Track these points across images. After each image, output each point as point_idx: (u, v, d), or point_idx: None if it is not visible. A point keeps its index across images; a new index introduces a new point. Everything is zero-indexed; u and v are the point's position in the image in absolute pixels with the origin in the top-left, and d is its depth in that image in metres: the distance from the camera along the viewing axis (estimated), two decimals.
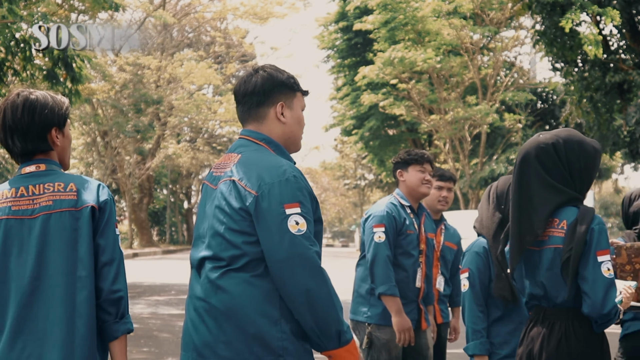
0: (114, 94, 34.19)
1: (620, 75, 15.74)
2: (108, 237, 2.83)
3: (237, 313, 2.69)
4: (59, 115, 2.89)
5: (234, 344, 2.67)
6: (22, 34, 13.64)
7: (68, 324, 2.73)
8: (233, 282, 2.70)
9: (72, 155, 12.81)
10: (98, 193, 2.85)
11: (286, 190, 2.70)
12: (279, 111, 2.89)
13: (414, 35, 24.25)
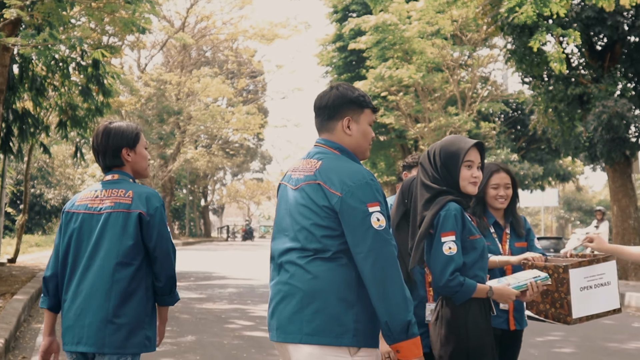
0: (139, 106, 34.24)
1: (580, 88, 15.80)
2: (162, 235, 3.35)
3: (319, 295, 2.72)
4: (128, 139, 3.43)
5: (315, 322, 2.70)
6: (61, 54, 13.71)
7: (106, 293, 3.26)
8: (319, 268, 2.75)
9: None
10: (149, 202, 3.33)
11: (367, 192, 2.76)
12: (345, 124, 2.93)
13: (401, 53, 24.29)
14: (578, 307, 3.37)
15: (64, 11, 11.80)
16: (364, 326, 2.73)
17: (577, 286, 3.37)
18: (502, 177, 3.98)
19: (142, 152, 3.51)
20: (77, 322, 3.27)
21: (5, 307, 9.25)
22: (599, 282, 3.46)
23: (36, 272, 14.61)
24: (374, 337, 2.78)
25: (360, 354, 2.73)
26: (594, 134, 14.89)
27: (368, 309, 2.74)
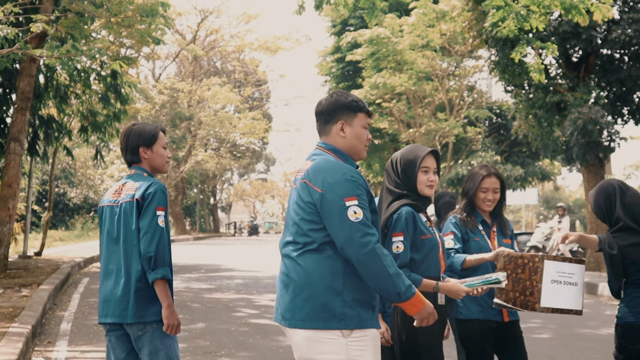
0: (154, 112, 34.28)
1: (558, 96, 15.83)
2: (146, 216, 3.43)
3: (310, 285, 2.79)
4: (145, 138, 3.60)
5: (306, 309, 2.78)
6: (83, 65, 13.74)
7: (126, 271, 3.47)
8: (308, 260, 2.81)
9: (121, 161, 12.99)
10: (145, 190, 3.47)
11: (345, 187, 2.79)
12: (339, 128, 2.97)
13: (394, 64, 24.30)
14: (546, 297, 3.33)
15: (86, 25, 11.85)
16: (352, 311, 2.77)
17: (548, 277, 3.35)
18: (492, 181, 3.96)
19: (159, 151, 3.64)
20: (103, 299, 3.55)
21: (32, 296, 9.29)
22: (568, 281, 3.45)
23: (60, 264, 14.64)
24: (366, 320, 2.82)
25: (353, 335, 2.78)
26: (570, 138, 14.92)
27: (356, 294, 2.79)
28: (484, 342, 3.84)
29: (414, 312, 2.84)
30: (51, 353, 6.70)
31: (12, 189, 12.96)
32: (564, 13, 9.91)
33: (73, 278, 13.62)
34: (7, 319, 7.48)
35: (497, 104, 27.64)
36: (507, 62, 15.69)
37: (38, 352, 6.75)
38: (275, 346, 7.06)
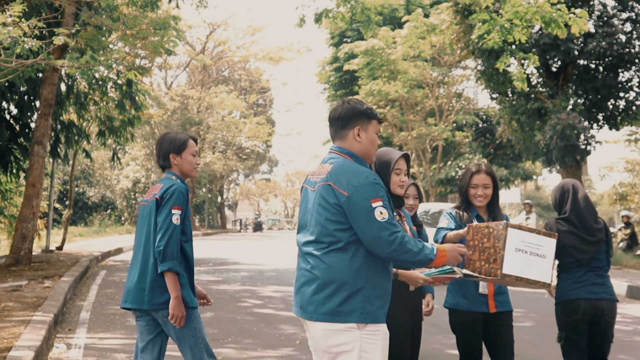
0: (166, 117, 34.27)
1: (538, 103, 15.87)
2: (162, 213, 3.51)
3: (334, 282, 2.77)
4: (175, 146, 3.68)
5: (329, 304, 2.76)
6: (100, 74, 13.78)
7: (144, 262, 3.56)
8: (333, 259, 2.78)
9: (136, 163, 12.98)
10: (164, 190, 3.56)
11: (370, 190, 2.77)
12: (356, 133, 2.93)
13: (388, 73, 24.34)
14: (509, 264, 3.11)
15: (103, 37, 11.87)
16: (371, 306, 2.77)
17: (512, 245, 3.13)
18: (481, 177, 3.90)
19: (188, 158, 3.72)
20: (127, 286, 3.66)
21: (54, 287, 9.31)
22: (535, 252, 3.21)
23: (79, 258, 14.65)
24: (380, 315, 2.81)
25: (368, 328, 2.77)
26: (550, 141, 14.95)
27: (375, 291, 2.79)
28: (468, 331, 3.82)
29: (443, 263, 2.92)
30: (72, 339, 6.71)
31: (36, 189, 12.99)
32: (544, 26, 9.93)
33: (91, 271, 13.63)
34: (31, 308, 7.51)
35: (483, 110, 27.68)
36: (492, 71, 15.76)
37: (60, 338, 6.77)
38: (278, 334, 7.08)
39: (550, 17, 9.56)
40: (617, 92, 15.86)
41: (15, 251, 12.61)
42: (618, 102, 16.07)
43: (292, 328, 7.46)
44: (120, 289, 10.64)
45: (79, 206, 38.63)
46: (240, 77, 43.02)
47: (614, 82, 15.54)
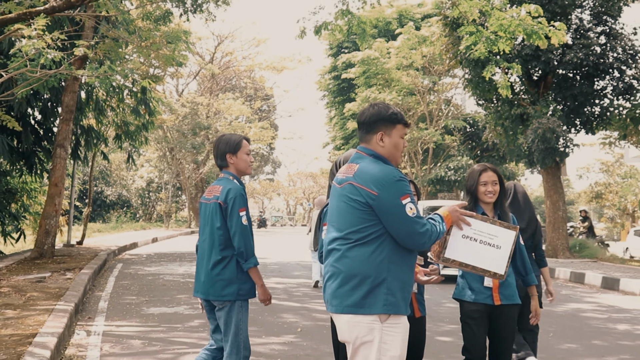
0: (177, 122, 34.26)
1: (521, 109, 15.89)
2: (232, 218, 3.56)
3: (357, 275, 2.67)
4: (230, 146, 3.69)
5: (353, 296, 2.66)
6: (117, 83, 13.80)
7: (208, 258, 3.65)
8: (356, 254, 2.68)
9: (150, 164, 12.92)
10: (226, 195, 3.60)
11: (399, 188, 2.67)
12: (379, 138, 2.80)
13: (383, 81, 24.37)
14: (452, 249, 2.89)
15: (120, 49, 11.89)
16: (393, 298, 2.66)
17: (459, 232, 2.91)
18: (490, 175, 3.72)
19: (243, 157, 3.72)
20: (197, 277, 3.74)
21: (75, 279, 9.34)
22: (487, 241, 2.97)
23: (98, 252, 14.68)
24: (403, 306, 2.70)
25: (389, 320, 2.67)
26: (531, 144, 14.98)
27: (398, 283, 2.68)
28: (472, 322, 3.68)
29: (450, 224, 2.88)
30: (91, 327, 6.74)
31: (58, 188, 13.02)
32: (526, 38, 9.96)
33: (109, 264, 13.67)
34: (54, 298, 7.54)
35: (470, 115, 27.70)
36: (479, 79, 15.79)
37: (80, 326, 6.80)
38: (280, 322, 7.10)
39: (532, 30, 9.58)
40: (593, 99, 15.89)
41: (40, 245, 12.65)
42: (594, 108, 16.10)
43: (294, 317, 7.48)
44: (135, 281, 10.68)
45: (98, 204, 38.65)
46: (245, 85, 43.01)
47: (590, 90, 15.57)
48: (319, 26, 10.46)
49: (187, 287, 10.07)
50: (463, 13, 9.97)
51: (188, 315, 7.48)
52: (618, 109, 16.05)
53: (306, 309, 8.07)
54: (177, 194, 41.60)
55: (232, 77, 42.38)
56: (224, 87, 41.49)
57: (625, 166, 28.90)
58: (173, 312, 7.68)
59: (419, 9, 31.70)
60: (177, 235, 28.03)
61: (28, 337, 5.39)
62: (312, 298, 8.91)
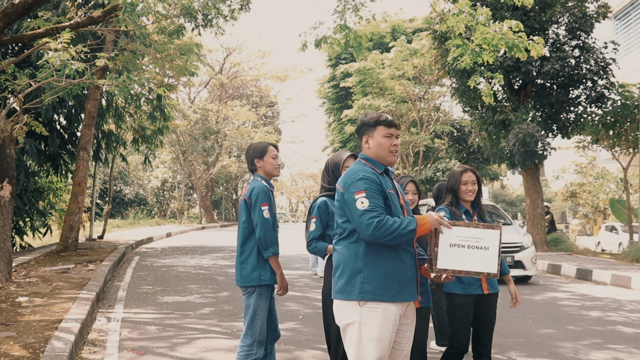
0: (190, 127, 34.27)
1: (503, 115, 15.91)
2: (255, 212, 3.63)
3: (341, 266, 2.76)
4: (257, 152, 3.76)
5: (338, 284, 2.76)
6: (135, 91, 13.82)
7: (237, 249, 3.75)
8: (341, 246, 2.78)
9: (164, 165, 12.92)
10: (250, 192, 3.68)
11: (357, 185, 2.70)
12: (364, 141, 2.87)
13: (377, 90, 24.34)
14: (443, 259, 2.77)
15: (138, 60, 11.92)
16: (370, 286, 2.67)
17: (446, 241, 2.79)
18: (470, 175, 3.78)
19: (269, 160, 3.76)
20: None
21: (96, 270, 9.37)
22: (474, 245, 2.83)
23: (117, 245, 14.70)
24: (381, 294, 2.69)
25: (367, 305, 2.69)
26: (513, 148, 15.00)
27: (377, 273, 2.69)
28: (463, 314, 3.67)
29: (427, 231, 2.72)
30: (111, 314, 6.77)
31: (81, 187, 13.05)
32: (508, 50, 9.96)
33: (127, 256, 13.69)
34: (77, 287, 7.57)
35: (457, 121, 27.70)
36: (465, 88, 15.81)
37: (101, 313, 6.82)
38: (284, 310, 7.13)
39: (513, 43, 9.60)
40: (568, 107, 15.92)
41: (64, 240, 12.68)
42: (569, 115, 16.12)
43: (296, 305, 7.50)
44: (151, 272, 10.70)
45: (117, 202, 38.64)
46: (252, 93, 43.03)
47: (565, 98, 15.60)
48: (319, 40, 10.46)
49: (199, 277, 10.09)
50: (450, 27, 9.98)
51: (199, 304, 7.51)
52: (591, 116, 16.06)
53: (307, 298, 8.09)
54: (189, 193, 41.60)
55: (240, 86, 42.40)
56: (232, 95, 41.51)
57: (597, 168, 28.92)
58: (185, 301, 7.71)
59: (411, 23, 31.70)
60: (189, 230, 28.04)
61: (54, 322, 5.42)
62: (312, 288, 8.93)
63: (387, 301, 2.69)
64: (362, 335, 2.68)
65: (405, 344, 2.82)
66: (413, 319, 2.86)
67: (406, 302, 2.76)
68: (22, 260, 10.58)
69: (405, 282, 2.74)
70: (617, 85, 15.76)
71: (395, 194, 2.87)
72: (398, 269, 2.72)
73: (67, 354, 4.30)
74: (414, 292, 2.78)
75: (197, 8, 9.63)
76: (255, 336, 3.61)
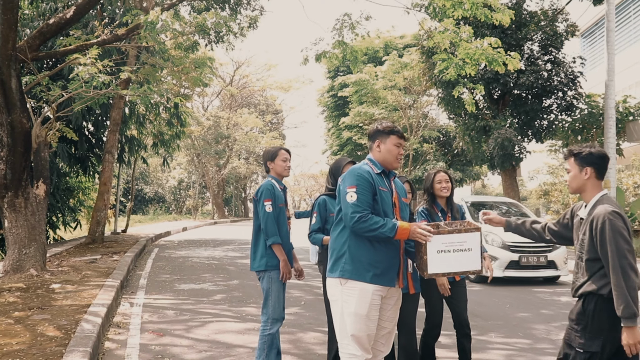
0: (203, 132, 34.28)
1: (484, 122, 15.92)
2: (259, 207, 3.70)
3: (331, 248, 2.85)
4: (269, 156, 3.78)
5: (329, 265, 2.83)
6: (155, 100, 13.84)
7: (253, 238, 3.79)
8: (334, 232, 2.86)
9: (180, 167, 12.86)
10: (257, 190, 3.73)
11: (350, 180, 2.75)
12: (376, 145, 2.88)
13: (372, 99, 24.37)
14: (433, 265, 2.74)
15: (157, 73, 11.95)
16: (349, 267, 2.73)
17: (434, 249, 2.74)
18: (442, 175, 3.88)
19: (279, 163, 3.78)
20: None
21: (120, 260, 9.40)
22: (459, 248, 2.78)
23: (139, 238, 14.72)
24: (360, 275, 2.72)
25: (347, 284, 2.74)
26: (492, 151, 15.02)
27: (356, 256, 2.73)
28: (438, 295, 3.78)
29: (405, 237, 2.70)
30: (134, 299, 6.80)
31: (107, 186, 13.08)
32: (488, 64, 9.99)
33: (147, 248, 13.71)
34: (104, 276, 7.60)
35: (443, 127, 27.72)
36: (450, 98, 15.84)
37: (125, 298, 6.86)
38: (287, 296, 7.14)
39: (493, 58, 9.63)
40: (542, 115, 15.94)
41: (92, 233, 12.70)
42: (542, 122, 16.14)
43: (298, 292, 7.53)
44: (168, 263, 10.72)
45: (138, 199, 38.66)
46: (259, 102, 43.02)
47: (539, 107, 15.62)
48: (319, 54, 10.49)
49: (211, 267, 10.11)
50: (437, 43, 10.02)
51: (212, 291, 7.53)
52: (561, 123, 16.09)
53: (309, 286, 8.12)
54: (202, 192, 41.62)
55: (248, 96, 42.40)
56: (241, 104, 41.52)
57: None
58: (199, 288, 7.73)
59: (401, 40, 31.70)
60: (203, 225, 28.06)
61: (84, 307, 5.45)
62: (313, 277, 8.97)
63: (364, 281, 2.72)
64: (344, 309, 2.73)
65: (386, 322, 2.84)
66: (397, 301, 2.88)
67: (384, 286, 2.76)
68: (55, 251, 10.61)
69: (385, 268, 2.75)
70: (585, 96, 15.79)
71: (389, 192, 2.85)
72: (378, 256, 2.74)
73: (95, 334, 4.34)
74: (393, 278, 2.79)
75: (210, 26, 9.64)
76: (269, 314, 3.66)
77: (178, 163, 39.57)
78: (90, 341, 4.11)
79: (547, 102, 15.86)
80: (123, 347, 4.57)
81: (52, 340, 4.23)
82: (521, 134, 15.92)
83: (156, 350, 4.51)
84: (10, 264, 7.28)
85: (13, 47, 6.99)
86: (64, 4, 11.58)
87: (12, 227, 7.28)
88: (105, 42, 8.88)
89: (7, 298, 5.84)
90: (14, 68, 7.07)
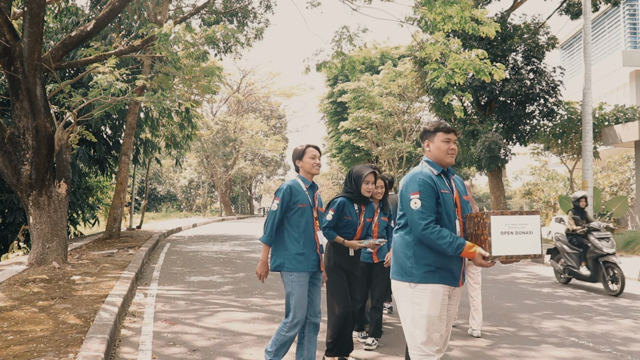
0: (212, 136, 34.28)
1: (472, 126, 15.94)
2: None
3: (396, 252, 2.66)
4: (296, 155, 3.42)
5: (394, 267, 2.65)
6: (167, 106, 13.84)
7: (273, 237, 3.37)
8: (397, 236, 2.68)
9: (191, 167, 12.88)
10: (278, 188, 3.37)
11: (413, 186, 2.58)
12: (426, 145, 2.72)
13: (369, 105, 24.37)
14: (497, 247, 2.56)
15: (170, 81, 11.95)
16: (417, 270, 2.56)
17: (497, 230, 2.56)
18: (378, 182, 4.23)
19: (307, 161, 3.38)
20: None
21: (135, 254, 9.39)
22: (521, 230, 2.59)
23: (152, 234, 14.70)
24: (428, 277, 2.56)
25: (417, 287, 2.57)
26: (480, 153, 15.03)
27: (421, 259, 2.57)
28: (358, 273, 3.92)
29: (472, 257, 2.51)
30: (147, 290, 6.78)
31: (123, 186, 13.08)
32: (475, 73, 10.00)
33: (160, 243, 13.70)
34: (120, 268, 7.60)
35: None
36: (440, 104, 15.85)
37: (139, 289, 6.85)
38: None
39: (480, 68, 9.64)
40: (525, 120, 15.96)
41: (109, 229, 12.71)
42: (525, 126, 16.16)
43: None
44: (180, 257, 10.71)
45: (152, 198, 38.66)
46: (263, 107, 43.05)
47: (522, 113, 15.64)
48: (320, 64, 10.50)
49: (220, 261, 10.10)
50: (428, 54, 10.03)
51: (220, 283, 7.53)
52: (543, 127, 16.12)
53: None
54: (211, 191, 41.62)
55: (253, 102, 42.42)
56: (247, 109, 41.54)
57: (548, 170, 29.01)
58: (209, 280, 7.72)
59: (396, 50, 31.70)
60: (212, 222, 28.05)
61: (102, 297, 5.46)
62: None
63: (434, 283, 2.56)
64: (415, 312, 2.57)
65: (449, 322, 2.73)
66: (456, 300, 2.76)
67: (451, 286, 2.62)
68: (75, 245, 10.61)
69: (450, 269, 2.60)
70: (564, 103, 15.83)
71: (450, 192, 2.68)
72: (444, 258, 2.60)
73: (112, 323, 4.35)
74: (458, 278, 2.65)
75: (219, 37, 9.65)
76: (290, 315, 3.26)
77: (189, 164, 39.56)
78: (107, 329, 4.12)
79: (530, 109, 15.88)
80: (138, 335, 4.57)
81: (73, 327, 4.23)
82: (506, 137, 15.93)
83: (168, 337, 4.51)
84: (34, 257, 7.29)
85: (38, 58, 7.00)
86: (85, 17, 11.59)
87: (37, 223, 7.30)
88: (122, 52, 8.89)
89: (32, 288, 5.86)
90: (39, 77, 7.08)
